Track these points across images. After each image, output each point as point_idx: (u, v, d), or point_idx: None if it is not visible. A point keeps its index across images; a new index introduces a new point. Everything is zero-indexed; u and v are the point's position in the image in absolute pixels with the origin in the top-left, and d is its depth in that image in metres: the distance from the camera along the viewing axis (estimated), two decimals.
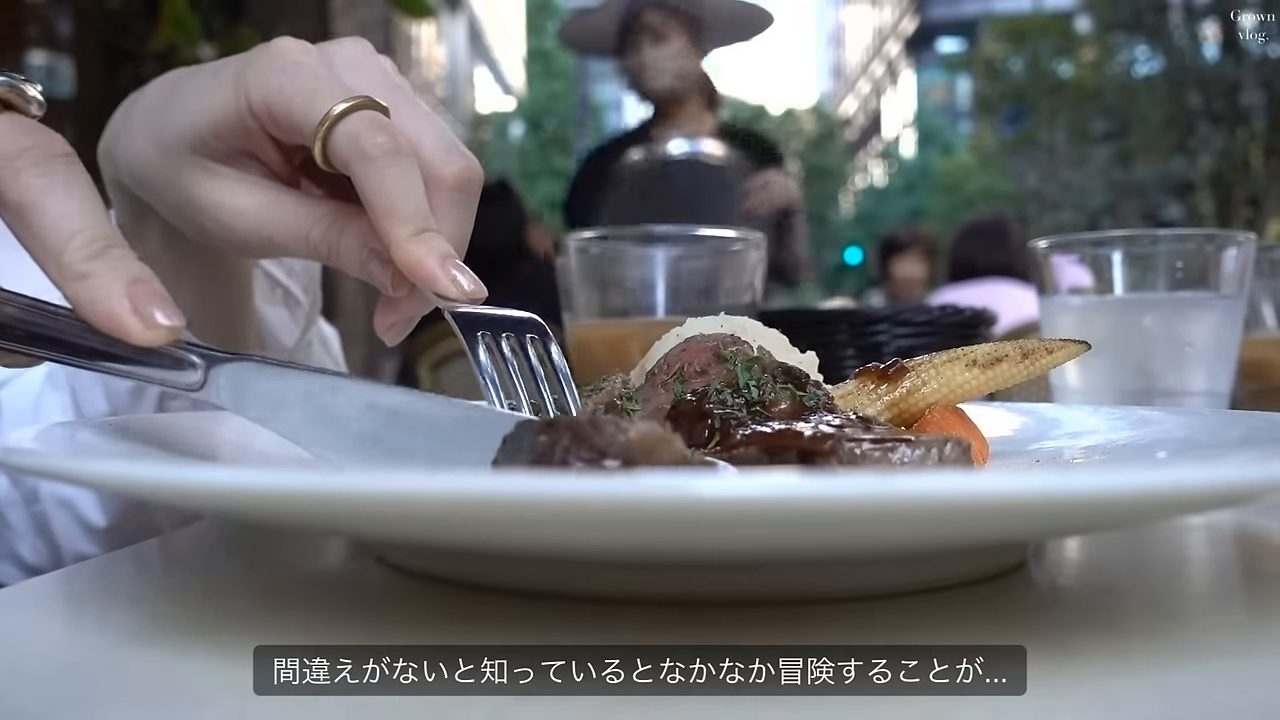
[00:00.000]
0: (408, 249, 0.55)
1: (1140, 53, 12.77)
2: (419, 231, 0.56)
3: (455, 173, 0.60)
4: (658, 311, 1.03)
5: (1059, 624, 0.39)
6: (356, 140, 0.56)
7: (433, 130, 0.61)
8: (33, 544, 0.83)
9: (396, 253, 0.56)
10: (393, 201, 0.55)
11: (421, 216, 0.56)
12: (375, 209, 0.56)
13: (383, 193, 0.55)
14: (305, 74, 0.58)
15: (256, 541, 0.56)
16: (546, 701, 0.31)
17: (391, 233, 0.55)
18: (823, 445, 0.44)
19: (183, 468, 0.39)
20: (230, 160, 0.61)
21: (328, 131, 0.56)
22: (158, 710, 0.31)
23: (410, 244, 0.55)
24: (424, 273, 0.55)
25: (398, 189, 0.56)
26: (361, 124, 0.56)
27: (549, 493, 0.29)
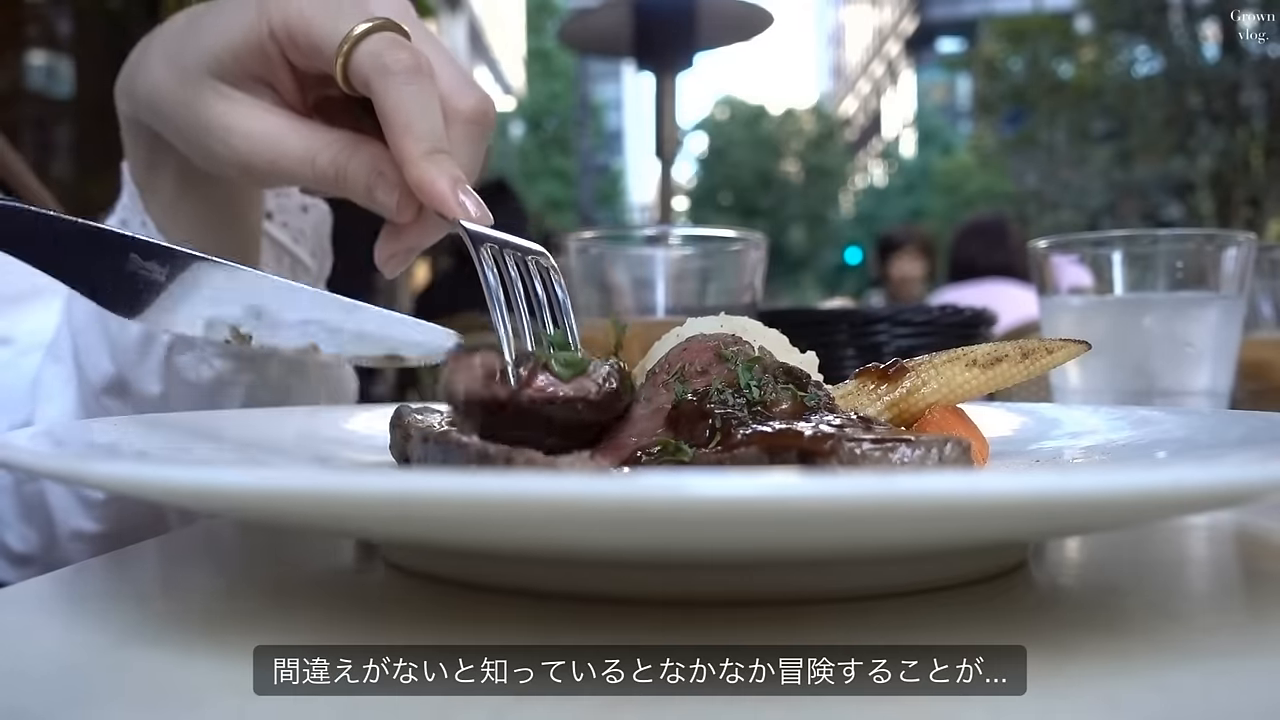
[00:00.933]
0: (421, 166, 0.56)
1: (1140, 53, 12.77)
2: (433, 151, 0.56)
3: (472, 105, 0.61)
4: (658, 311, 1.03)
5: (1059, 624, 0.39)
6: (379, 57, 0.57)
7: (450, 64, 0.62)
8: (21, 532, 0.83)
9: (409, 170, 0.56)
10: (410, 118, 0.56)
11: (436, 136, 0.57)
12: (392, 125, 0.57)
13: (401, 109, 0.56)
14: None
15: (257, 541, 0.56)
16: (546, 701, 0.31)
17: (406, 149, 0.56)
18: (823, 445, 0.44)
19: (184, 469, 0.39)
20: (245, 86, 0.62)
21: (350, 50, 0.58)
22: (158, 710, 0.31)
23: (423, 161, 0.56)
24: (434, 191, 0.56)
25: (416, 106, 0.57)
26: (383, 42, 0.58)
27: (550, 493, 0.29)
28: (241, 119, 0.62)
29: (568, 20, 5.06)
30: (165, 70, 0.64)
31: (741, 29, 4.24)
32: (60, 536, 0.82)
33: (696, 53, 4.27)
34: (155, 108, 0.66)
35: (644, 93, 5.11)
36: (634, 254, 1.07)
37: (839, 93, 43.76)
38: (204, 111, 0.62)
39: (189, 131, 0.64)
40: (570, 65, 20.33)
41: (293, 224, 0.86)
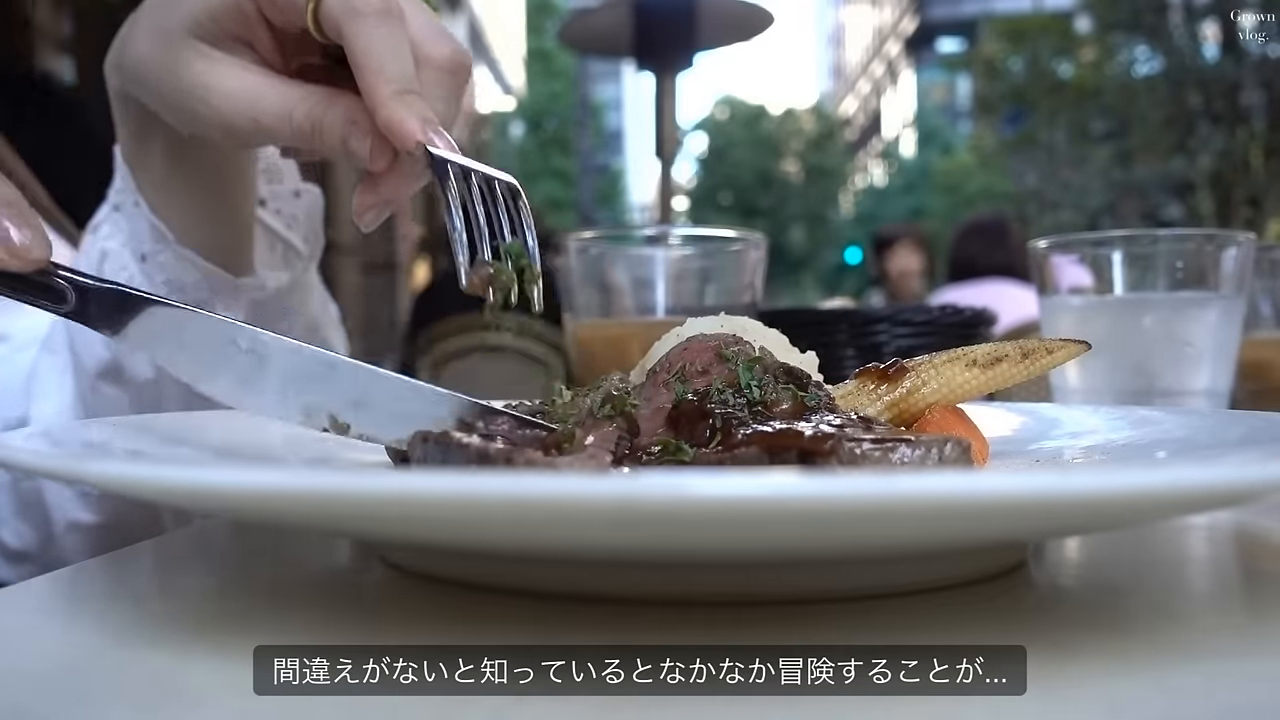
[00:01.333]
0: (390, 106, 0.56)
1: (1140, 53, 12.78)
2: (403, 91, 0.56)
3: (446, 54, 0.61)
4: (658, 311, 1.03)
5: (1059, 624, 0.39)
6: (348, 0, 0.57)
7: (424, 13, 0.62)
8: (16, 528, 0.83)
9: (378, 111, 0.56)
10: (380, 60, 0.56)
11: (407, 78, 0.57)
12: (362, 67, 0.57)
13: (371, 52, 0.57)
14: None
15: (256, 542, 0.56)
16: (546, 701, 0.31)
17: (376, 90, 0.56)
18: (823, 445, 0.44)
19: (181, 469, 0.39)
20: (225, 46, 0.63)
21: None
22: (158, 710, 0.31)
23: (393, 101, 0.56)
24: (403, 130, 0.56)
25: (386, 48, 0.57)
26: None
27: (550, 493, 0.29)
28: (220, 78, 0.62)
29: (568, 20, 5.06)
30: (149, 38, 0.65)
31: (741, 29, 4.24)
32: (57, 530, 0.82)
33: (696, 53, 4.27)
34: (140, 76, 0.67)
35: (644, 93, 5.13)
36: (634, 254, 1.07)
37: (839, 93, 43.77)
38: (184, 72, 0.63)
39: (171, 95, 0.65)
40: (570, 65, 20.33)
41: (285, 210, 0.86)
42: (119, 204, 0.78)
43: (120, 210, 0.78)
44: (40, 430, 0.52)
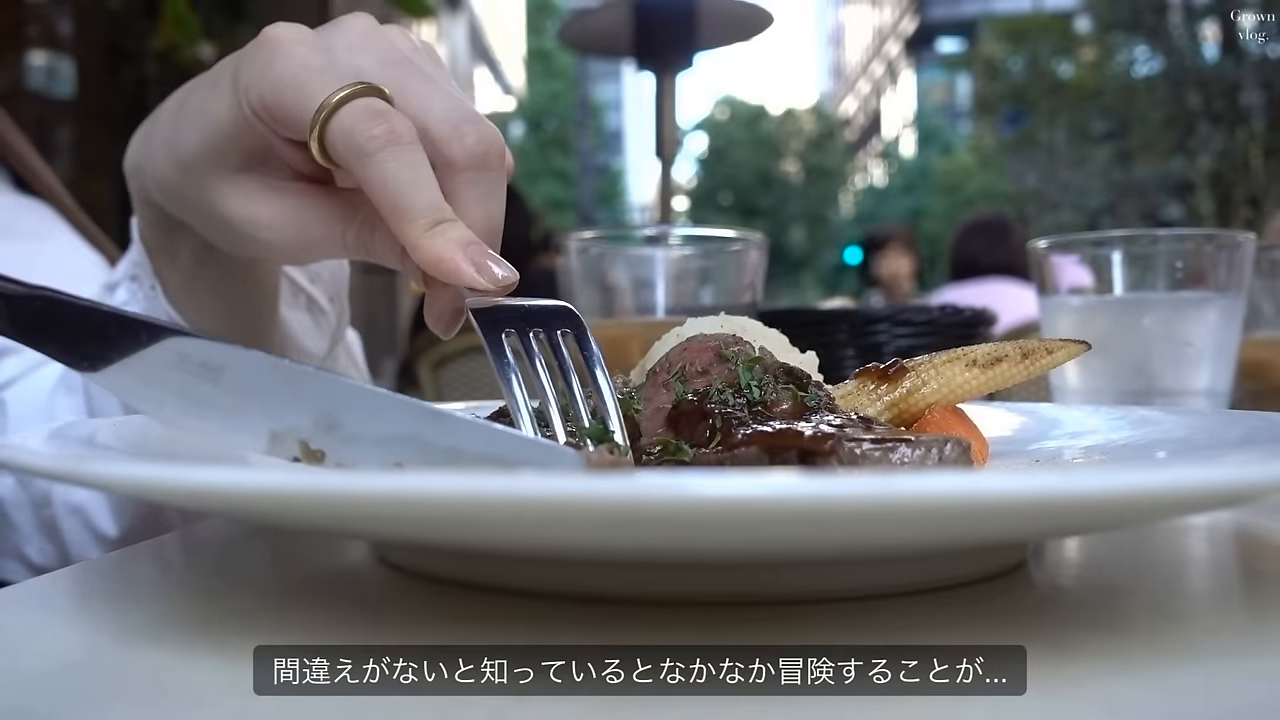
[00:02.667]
0: (423, 246, 0.51)
1: (1140, 53, 12.78)
2: (432, 225, 0.51)
3: (468, 148, 0.54)
4: (658, 311, 1.03)
5: (1059, 624, 0.39)
6: (351, 136, 0.52)
7: (442, 104, 0.55)
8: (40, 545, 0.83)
9: (414, 254, 0.51)
10: (398, 198, 0.51)
11: (433, 208, 0.51)
12: (382, 208, 0.52)
13: (386, 190, 0.51)
14: (296, 65, 0.54)
15: (257, 541, 0.56)
16: (546, 701, 0.31)
17: (403, 231, 0.51)
18: (823, 445, 0.44)
19: (188, 469, 0.39)
20: (252, 166, 0.58)
21: (323, 128, 0.53)
22: (158, 710, 0.31)
23: (424, 240, 0.51)
24: (446, 269, 0.51)
25: (401, 183, 0.51)
26: (355, 116, 0.52)
27: (551, 493, 0.29)
28: (259, 207, 0.58)
29: (568, 20, 5.06)
30: (169, 165, 0.60)
31: (741, 29, 4.24)
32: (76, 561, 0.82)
33: (696, 53, 4.27)
34: (172, 200, 0.63)
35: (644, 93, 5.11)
36: (634, 254, 1.07)
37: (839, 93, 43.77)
38: (221, 206, 0.59)
39: (214, 227, 0.61)
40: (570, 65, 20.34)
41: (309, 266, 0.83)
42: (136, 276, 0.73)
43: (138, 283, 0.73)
44: (41, 431, 0.52)
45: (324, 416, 0.45)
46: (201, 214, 0.61)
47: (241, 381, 0.46)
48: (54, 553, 0.83)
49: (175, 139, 0.60)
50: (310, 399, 0.45)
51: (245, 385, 0.46)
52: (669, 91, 4.17)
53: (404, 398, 0.45)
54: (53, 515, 0.81)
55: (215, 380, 0.46)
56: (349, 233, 0.58)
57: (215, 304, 0.72)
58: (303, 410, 0.45)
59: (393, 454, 0.44)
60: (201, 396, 0.46)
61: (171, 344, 0.46)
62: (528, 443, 0.44)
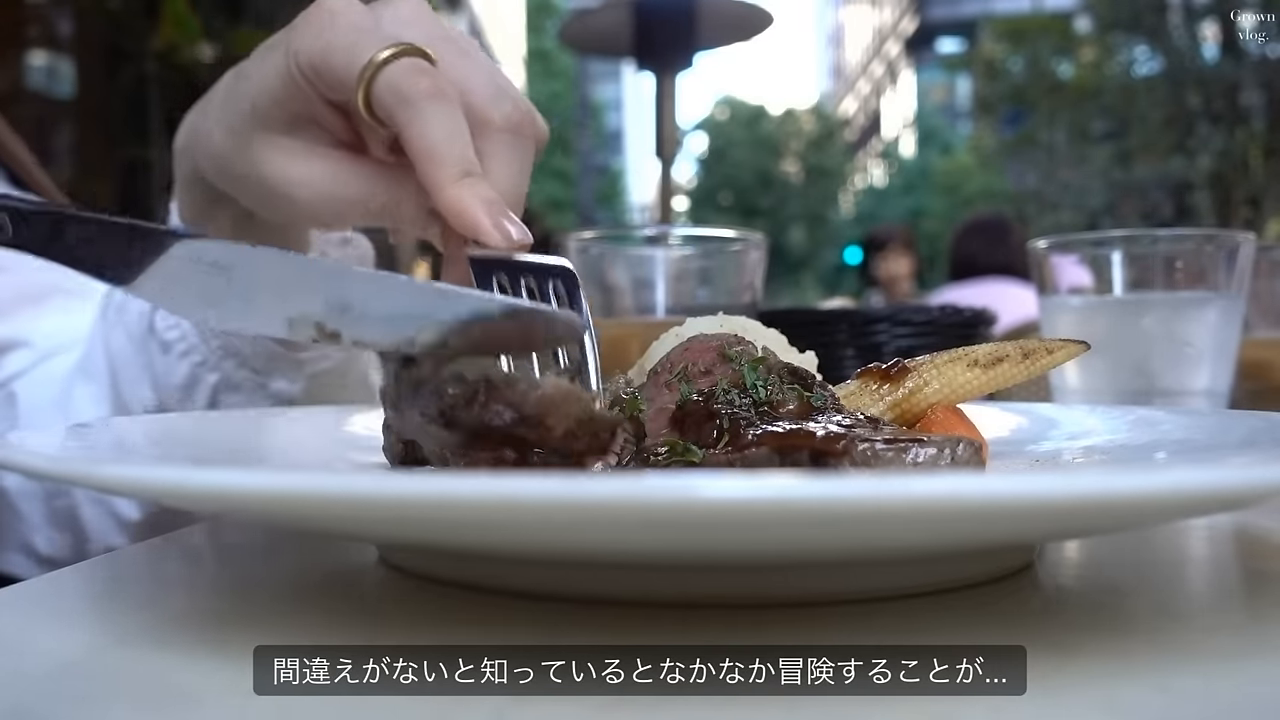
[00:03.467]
0: (449, 193, 0.54)
1: (1140, 53, 12.78)
2: (461, 175, 0.54)
3: (504, 115, 0.58)
4: (658, 311, 1.03)
5: (1060, 624, 0.39)
6: (397, 86, 0.55)
7: (483, 75, 0.59)
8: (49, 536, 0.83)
9: (437, 197, 0.54)
10: (433, 145, 0.54)
11: (465, 161, 0.55)
12: (416, 153, 0.55)
13: (424, 136, 0.54)
14: (347, 27, 0.58)
15: (257, 541, 0.56)
16: (546, 701, 0.31)
17: (433, 177, 0.54)
18: (835, 446, 0.43)
19: (185, 469, 0.40)
20: (295, 130, 0.62)
21: (370, 80, 0.56)
22: (158, 710, 0.31)
23: (452, 188, 0.54)
24: (467, 217, 0.54)
25: (439, 132, 0.55)
26: (402, 70, 0.56)
27: (557, 495, 0.29)
28: (295, 168, 0.61)
29: (568, 20, 5.06)
30: (220, 131, 0.64)
31: (741, 29, 4.24)
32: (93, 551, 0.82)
33: (696, 53, 4.27)
34: (219, 169, 0.66)
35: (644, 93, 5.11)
36: (634, 254, 1.07)
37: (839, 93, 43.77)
38: (264, 168, 0.62)
39: (253, 189, 0.64)
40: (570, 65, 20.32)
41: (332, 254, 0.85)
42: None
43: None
44: (43, 432, 0.52)
45: (334, 300, 0.47)
46: (245, 178, 0.64)
47: (252, 275, 0.49)
48: (66, 542, 0.83)
49: (229, 106, 0.63)
50: (319, 285, 0.48)
51: (256, 278, 0.49)
52: (669, 91, 4.17)
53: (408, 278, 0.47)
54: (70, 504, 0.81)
55: (228, 276, 0.49)
56: (376, 199, 0.60)
57: None
58: (313, 296, 0.48)
59: (404, 329, 0.46)
60: (216, 291, 0.49)
61: (181, 247, 0.49)
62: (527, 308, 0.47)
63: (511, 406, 0.42)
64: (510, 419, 0.42)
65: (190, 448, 0.56)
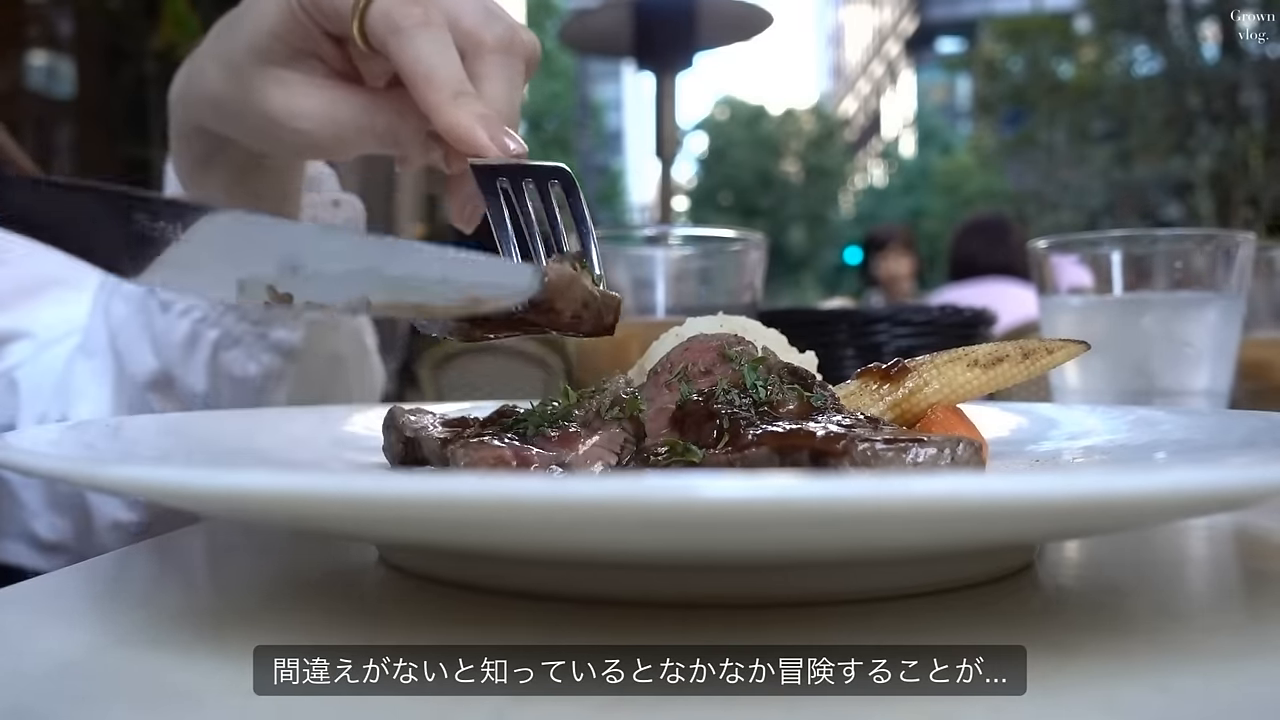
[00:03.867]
0: (445, 112, 0.57)
1: (1140, 53, 12.77)
2: (455, 95, 0.57)
3: (496, 35, 0.61)
4: (658, 311, 1.03)
5: (1060, 624, 0.39)
6: (389, 15, 0.58)
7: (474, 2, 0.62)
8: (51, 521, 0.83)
9: (435, 118, 0.57)
10: (427, 69, 0.57)
11: (457, 80, 0.57)
12: (411, 79, 0.58)
13: (418, 61, 0.57)
14: None
15: (256, 541, 0.56)
16: (546, 701, 0.31)
17: (429, 99, 0.57)
18: (836, 446, 0.43)
19: (185, 470, 0.40)
20: (294, 64, 0.64)
21: (363, 12, 0.59)
22: (158, 710, 0.31)
23: (448, 108, 0.57)
24: (463, 133, 0.56)
25: (431, 56, 0.57)
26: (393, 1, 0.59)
27: (557, 495, 0.29)
28: (299, 99, 0.63)
29: (568, 20, 5.06)
30: (218, 72, 0.66)
31: (741, 29, 4.24)
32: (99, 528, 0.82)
33: (696, 53, 4.27)
34: (218, 110, 0.67)
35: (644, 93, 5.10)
36: (634, 254, 1.07)
37: (839, 93, 43.77)
38: (264, 103, 0.64)
39: (255, 126, 0.66)
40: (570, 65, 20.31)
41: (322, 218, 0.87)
42: None
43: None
44: (41, 431, 0.52)
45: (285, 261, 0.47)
46: (246, 114, 0.65)
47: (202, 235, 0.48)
48: (68, 528, 0.83)
49: (227, 46, 0.65)
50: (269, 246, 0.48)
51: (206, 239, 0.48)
52: (669, 91, 4.17)
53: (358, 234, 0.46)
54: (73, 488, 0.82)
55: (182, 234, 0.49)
56: (377, 124, 0.63)
57: None
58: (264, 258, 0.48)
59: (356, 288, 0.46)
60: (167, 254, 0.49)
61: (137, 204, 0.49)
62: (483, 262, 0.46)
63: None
64: (522, 304, 0.45)
65: (190, 447, 0.56)
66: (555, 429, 0.49)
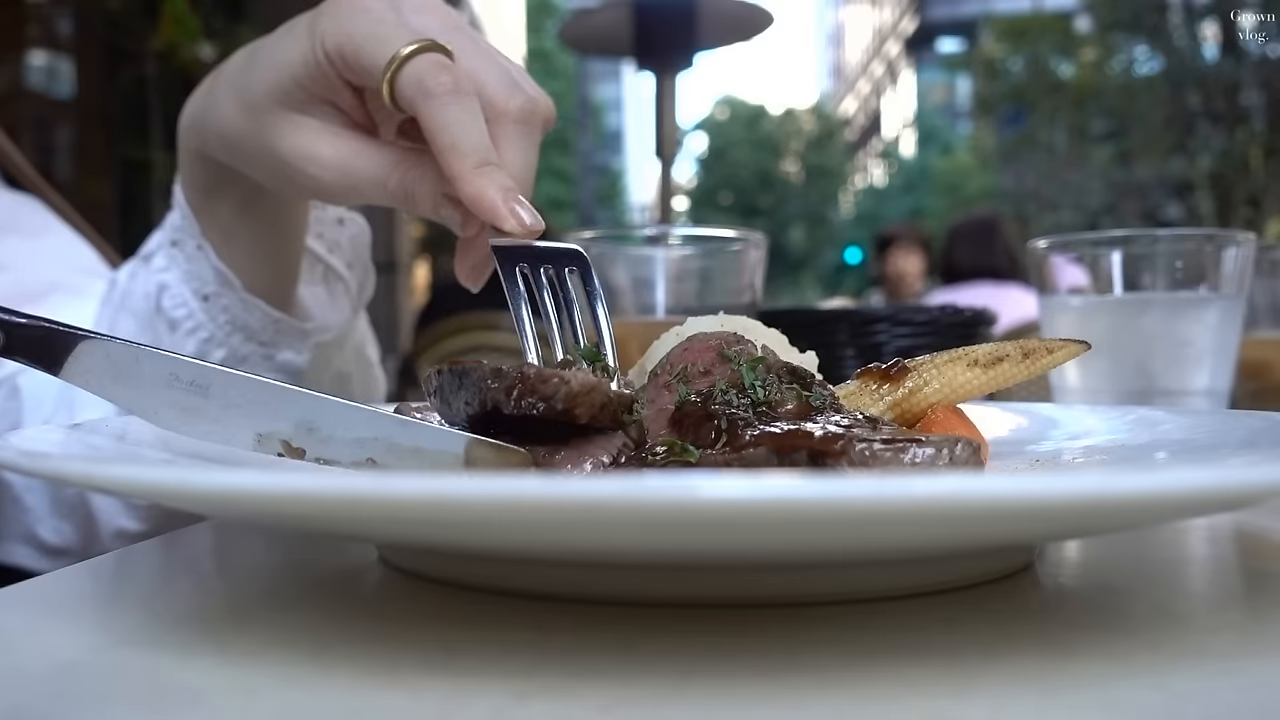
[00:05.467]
0: (469, 181, 0.58)
1: (1140, 53, 12.76)
2: (480, 164, 0.59)
3: (519, 105, 0.63)
4: (658, 311, 1.03)
5: (1060, 624, 0.39)
6: (421, 81, 0.59)
7: (497, 68, 0.64)
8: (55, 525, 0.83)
9: (459, 186, 0.59)
10: (455, 137, 0.59)
11: (483, 150, 0.59)
12: (439, 145, 0.59)
13: (446, 129, 0.59)
14: (373, 20, 0.62)
15: (257, 541, 0.56)
16: (546, 701, 0.31)
17: (454, 167, 0.59)
18: (834, 446, 0.43)
19: (184, 470, 0.40)
20: (312, 109, 0.65)
21: (394, 74, 0.60)
22: (158, 710, 0.31)
23: (472, 176, 0.58)
24: (485, 204, 0.58)
25: (459, 125, 0.59)
26: (425, 66, 0.60)
27: (557, 495, 0.29)
28: (314, 145, 0.64)
29: (568, 20, 5.06)
30: (234, 108, 0.67)
31: (741, 29, 4.24)
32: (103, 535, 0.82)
33: (696, 53, 4.27)
34: (230, 145, 0.68)
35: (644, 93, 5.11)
36: (634, 254, 1.07)
37: (839, 93, 43.77)
38: (279, 144, 0.65)
39: (267, 165, 0.67)
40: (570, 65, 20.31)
41: (328, 235, 0.88)
42: (177, 240, 0.79)
43: (179, 247, 0.79)
44: (39, 432, 0.52)
45: (302, 422, 0.51)
46: (258, 153, 0.67)
47: (228, 395, 0.52)
48: (72, 531, 0.83)
49: (245, 83, 0.66)
50: (289, 409, 0.52)
51: (231, 398, 0.52)
52: (669, 91, 4.17)
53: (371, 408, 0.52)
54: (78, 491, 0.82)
55: (204, 394, 0.52)
56: (392, 179, 0.64)
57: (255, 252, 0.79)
58: (283, 418, 0.52)
59: (363, 451, 0.50)
60: (192, 407, 0.52)
61: (164, 365, 0.52)
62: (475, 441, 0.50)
63: (545, 400, 0.47)
64: (544, 410, 0.47)
65: (190, 448, 0.56)
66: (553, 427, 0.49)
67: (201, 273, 0.78)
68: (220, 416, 0.52)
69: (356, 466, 0.51)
